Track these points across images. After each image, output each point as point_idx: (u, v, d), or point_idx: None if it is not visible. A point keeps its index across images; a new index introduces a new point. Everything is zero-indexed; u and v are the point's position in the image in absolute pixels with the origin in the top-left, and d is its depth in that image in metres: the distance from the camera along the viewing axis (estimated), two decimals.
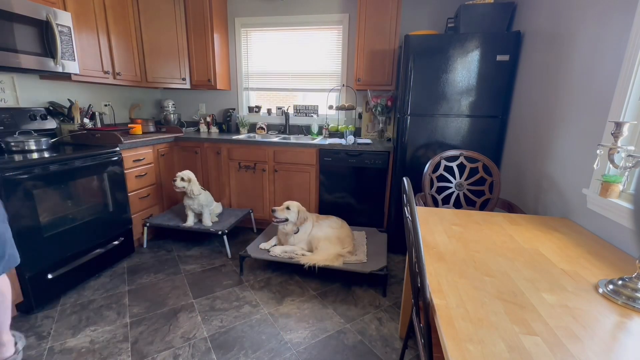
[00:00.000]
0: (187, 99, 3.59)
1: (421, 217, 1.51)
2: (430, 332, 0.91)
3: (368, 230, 2.69)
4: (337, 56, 3.15)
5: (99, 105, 2.88)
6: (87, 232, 2.12)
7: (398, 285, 2.21)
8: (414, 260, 0.98)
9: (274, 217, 2.26)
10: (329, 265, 2.08)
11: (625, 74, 1.26)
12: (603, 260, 1.13)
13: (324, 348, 1.63)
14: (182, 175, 2.52)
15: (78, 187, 2.04)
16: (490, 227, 1.40)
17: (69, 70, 2.14)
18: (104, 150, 2.22)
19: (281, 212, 2.25)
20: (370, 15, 2.66)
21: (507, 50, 2.12)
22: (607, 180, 1.26)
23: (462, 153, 1.98)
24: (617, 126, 1.10)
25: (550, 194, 1.73)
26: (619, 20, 1.33)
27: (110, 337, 1.68)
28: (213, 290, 2.10)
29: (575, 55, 1.61)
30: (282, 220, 2.26)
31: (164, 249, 2.67)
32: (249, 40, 3.32)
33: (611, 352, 0.71)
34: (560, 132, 1.69)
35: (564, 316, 0.82)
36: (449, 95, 2.27)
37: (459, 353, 0.69)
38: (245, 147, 2.86)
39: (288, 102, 3.40)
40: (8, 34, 1.80)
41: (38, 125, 2.26)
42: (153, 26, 2.84)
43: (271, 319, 1.84)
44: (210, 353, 1.58)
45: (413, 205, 0.93)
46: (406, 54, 2.27)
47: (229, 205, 3.05)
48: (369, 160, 2.64)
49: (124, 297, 2.01)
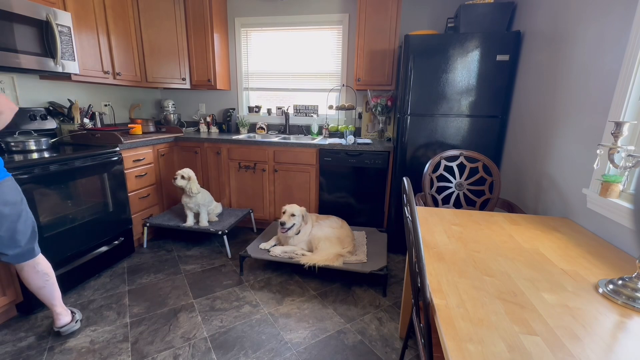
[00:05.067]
0: (187, 99, 3.59)
1: (421, 217, 1.51)
2: (430, 332, 0.91)
3: (368, 230, 2.69)
4: (337, 56, 3.15)
5: (99, 105, 2.88)
6: (87, 232, 2.12)
7: (398, 285, 2.21)
8: (414, 260, 0.98)
9: (282, 229, 2.24)
10: (329, 265, 2.08)
11: (625, 73, 1.26)
12: (603, 260, 1.13)
13: (324, 348, 1.63)
14: (183, 172, 2.52)
15: (78, 187, 2.04)
16: (490, 227, 1.40)
17: (69, 70, 2.14)
18: (104, 150, 2.22)
19: (288, 221, 2.24)
20: (370, 15, 2.66)
21: (507, 50, 2.12)
22: (607, 180, 1.26)
23: (462, 153, 1.98)
24: (617, 126, 1.10)
25: (550, 194, 1.73)
26: (619, 20, 1.33)
27: (110, 337, 1.68)
28: (213, 290, 2.10)
29: (575, 54, 1.61)
30: (290, 228, 2.26)
31: (164, 249, 2.67)
32: (249, 40, 3.32)
33: (611, 352, 0.71)
34: (560, 131, 1.69)
35: (564, 316, 0.82)
36: (449, 95, 2.27)
37: (459, 353, 0.69)
38: (245, 147, 2.86)
39: (288, 102, 3.40)
40: (8, 34, 1.80)
41: (38, 125, 2.26)
42: (153, 26, 2.84)
43: (271, 319, 1.84)
44: (210, 353, 1.58)
45: (413, 205, 0.93)
46: (406, 53, 2.27)
47: (229, 205, 3.05)
48: (369, 160, 2.64)
49: (124, 297, 2.01)
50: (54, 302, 1.64)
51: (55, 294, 1.65)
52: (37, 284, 1.58)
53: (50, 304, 1.64)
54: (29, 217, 1.54)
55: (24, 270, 1.56)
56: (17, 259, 1.52)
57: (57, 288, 1.66)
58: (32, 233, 1.55)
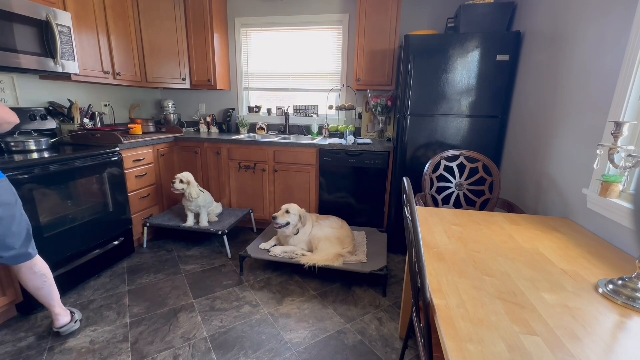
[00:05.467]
0: (187, 99, 3.59)
1: (421, 217, 1.51)
2: (430, 332, 0.91)
3: (368, 230, 2.69)
4: (337, 56, 3.14)
5: (99, 105, 2.88)
6: (87, 232, 2.12)
7: (398, 285, 2.21)
8: (414, 260, 0.98)
9: (275, 223, 2.25)
10: (329, 265, 2.08)
11: (625, 73, 1.26)
12: (603, 260, 1.13)
13: (324, 348, 1.63)
14: (181, 177, 2.52)
15: (78, 187, 2.04)
16: (490, 227, 1.40)
17: (68, 70, 2.14)
18: (104, 150, 2.22)
19: (281, 217, 2.25)
20: (370, 15, 2.66)
21: (507, 50, 2.12)
22: (607, 180, 1.26)
23: (462, 153, 1.98)
24: (617, 126, 1.10)
25: (550, 194, 1.73)
26: (619, 20, 1.33)
27: (110, 337, 1.68)
28: (213, 290, 2.10)
29: (575, 54, 1.61)
30: (283, 225, 2.26)
31: (163, 249, 2.67)
32: (249, 40, 3.32)
33: (611, 352, 0.71)
34: (560, 131, 1.69)
35: (564, 316, 0.82)
36: (449, 95, 2.27)
37: (459, 353, 0.69)
38: (245, 147, 2.86)
39: (288, 102, 3.40)
40: (8, 34, 1.80)
41: (38, 125, 2.26)
42: (153, 26, 2.84)
43: (271, 319, 1.84)
44: (210, 353, 1.58)
45: (413, 205, 0.93)
46: (406, 53, 2.27)
47: (229, 205, 3.05)
48: (369, 160, 2.64)
49: (124, 297, 2.01)
50: (52, 303, 1.64)
51: (54, 294, 1.65)
52: (34, 285, 1.58)
53: (48, 305, 1.64)
54: (23, 219, 1.53)
55: (21, 271, 1.55)
56: (13, 260, 1.51)
57: (55, 289, 1.65)
58: (26, 235, 1.54)
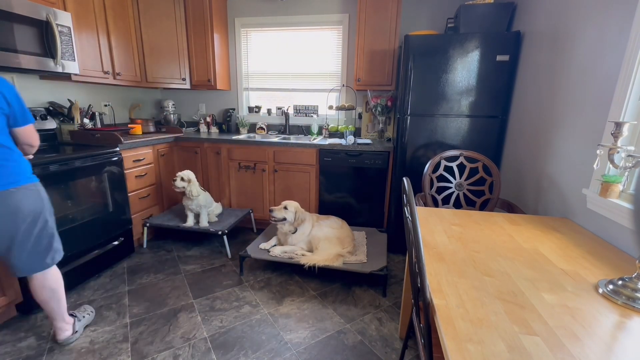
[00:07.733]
0: (187, 99, 3.59)
1: (421, 217, 1.51)
2: (430, 332, 0.91)
3: (368, 230, 2.69)
4: (337, 56, 3.15)
5: (99, 106, 2.88)
6: (87, 232, 2.12)
7: (398, 285, 2.21)
8: (414, 260, 0.98)
9: (271, 216, 2.26)
10: (329, 265, 2.08)
11: (625, 73, 1.26)
12: (603, 260, 1.13)
13: (324, 348, 1.63)
14: (182, 175, 2.52)
15: (78, 188, 2.04)
16: (490, 227, 1.40)
17: (69, 70, 2.14)
18: (104, 150, 2.22)
19: (279, 211, 2.26)
20: (370, 15, 2.66)
21: (507, 50, 2.12)
22: (607, 180, 1.26)
23: (462, 153, 1.98)
24: (617, 126, 1.10)
25: (550, 194, 1.73)
26: (619, 20, 1.33)
27: (110, 337, 1.68)
28: (213, 291, 2.10)
29: (575, 55, 1.61)
30: (280, 220, 2.26)
31: (163, 249, 2.67)
32: (249, 40, 3.32)
33: (611, 352, 0.71)
34: (560, 132, 1.69)
35: (564, 316, 0.82)
36: (449, 96, 2.27)
37: (459, 353, 0.69)
38: (245, 147, 2.86)
39: (288, 102, 3.40)
40: (8, 34, 1.80)
41: (38, 125, 2.26)
42: (153, 26, 2.84)
43: (271, 319, 1.84)
44: (210, 353, 1.58)
45: (413, 205, 0.93)
46: (406, 54, 2.27)
47: (229, 205, 3.05)
48: (369, 160, 2.64)
49: (124, 297, 2.01)
50: (54, 317, 1.60)
51: (58, 310, 1.60)
52: (41, 298, 1.55)
53: (51, 317, 1.61)
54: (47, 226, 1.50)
55: (31, 282, 1.53)
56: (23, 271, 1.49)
57: (63, 303, 1.61)
58: (47, 245, 1.51)
